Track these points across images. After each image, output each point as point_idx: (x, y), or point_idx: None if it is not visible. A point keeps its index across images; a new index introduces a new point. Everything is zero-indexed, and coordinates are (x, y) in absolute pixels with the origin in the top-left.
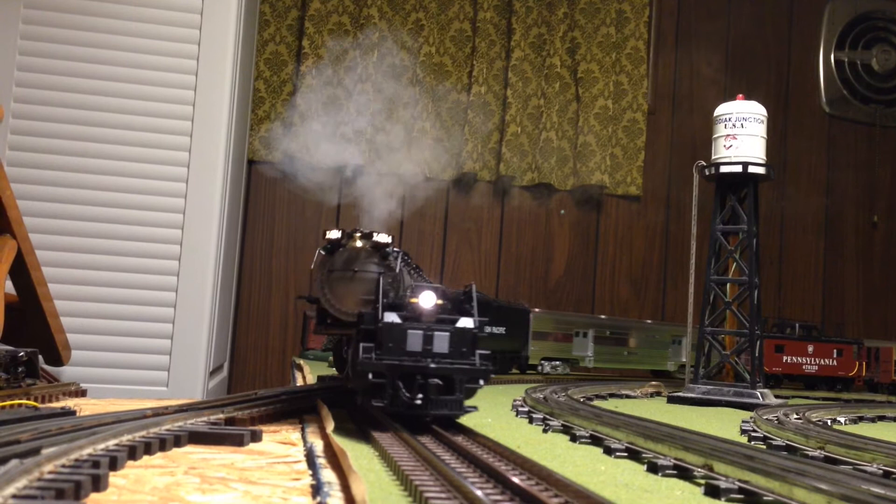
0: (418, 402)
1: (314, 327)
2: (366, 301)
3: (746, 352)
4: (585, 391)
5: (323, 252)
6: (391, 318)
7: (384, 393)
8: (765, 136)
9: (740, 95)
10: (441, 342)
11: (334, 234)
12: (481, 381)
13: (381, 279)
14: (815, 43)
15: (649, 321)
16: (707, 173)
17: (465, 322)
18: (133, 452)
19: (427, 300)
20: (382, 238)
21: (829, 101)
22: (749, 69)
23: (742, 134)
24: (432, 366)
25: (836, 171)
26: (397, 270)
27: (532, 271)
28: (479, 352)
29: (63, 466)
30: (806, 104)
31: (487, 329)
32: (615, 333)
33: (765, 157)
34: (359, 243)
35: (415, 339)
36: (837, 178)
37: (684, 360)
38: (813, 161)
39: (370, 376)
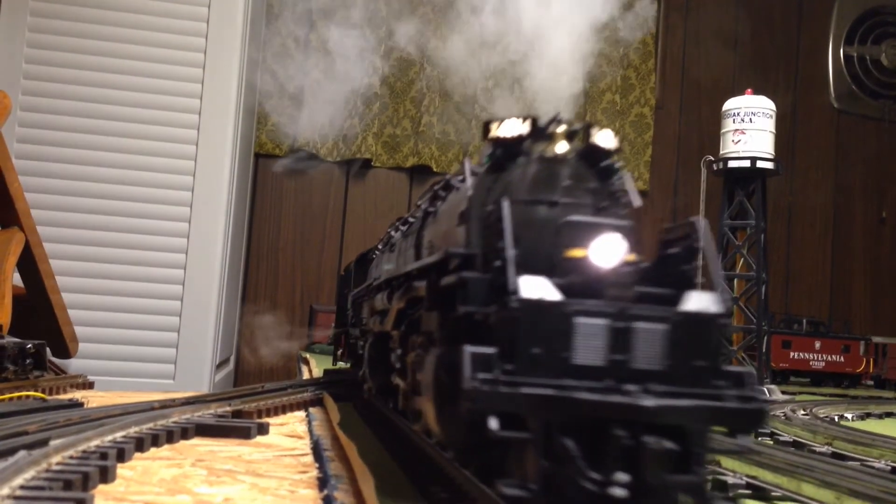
0: (620, 491)
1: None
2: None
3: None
4: None
5: (482, 165)
6: (539, 289)
7: (525, 462)
8: (773, 130)
9: (749, 90)
10: (651, 346)
11: (511, 128)
12: (748, 435)
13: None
14: (825, 38)
15: None
16: (715, 168)
17: (701, 302)
18: (140, 444)
19: (608, 252)
20: (605, 138)
21: (837, 96)
22: (758, 64)
23: (750, 129)
24: (649, 404)
25: (845, 167)
26: (633, 204)
27: None
28: (732, 369)
29: (71, 458)
30: (815, 99)
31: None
32: None
33: (773, 152)
34: (560, 146)
35: (593, 339)
36: (846, 174)
37: None
38: (821, 156)
39: (494, 423)
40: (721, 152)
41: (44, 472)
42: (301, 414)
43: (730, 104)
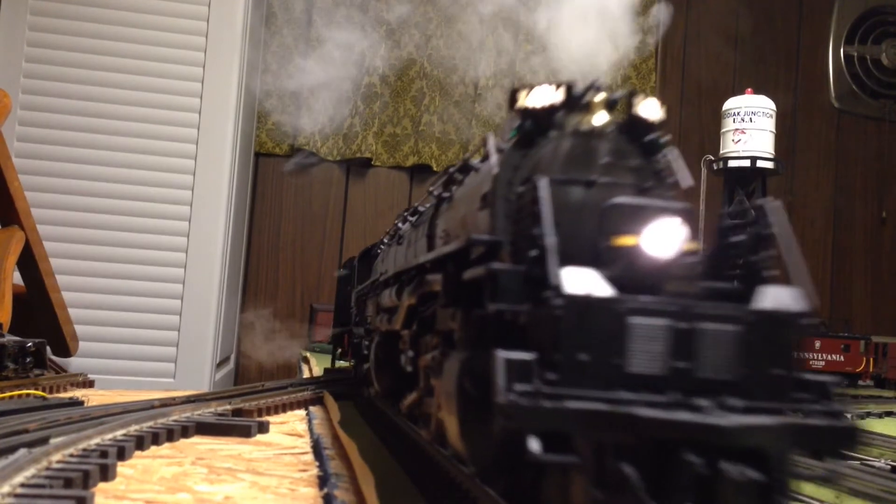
0: None
1: (440, 310)
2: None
3: None
4: None
5: (508, 140)
6: (586, 283)
7: (571, 491)
8: (773, 130)
9: (749, 90)
10: (720, 351)
11: (542, 97)
12: (836, 457)
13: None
14: (825, 37)
15: None
16: (715, 168)
17: (780, 299)
18: (141, 442)
19: (665, 239)
20: (649, 109)
21: (838, 96)
22: (758, 63)
23: (751, 128)
24: (728, 423)
25: (845, 166)
26: (682, 184)
27: None
28: (813, 377)
29: (71, 456)
30: (815, 99)
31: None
32: None
33: (773, 152)
34: (599, 118)
35: (652, 343)
36: (846, 173)
37: None
38: (822, 156)
39: (535, 445)
40: (721, 152)
41: (44, 470)
42: (301, 412)
43: (730, 104)
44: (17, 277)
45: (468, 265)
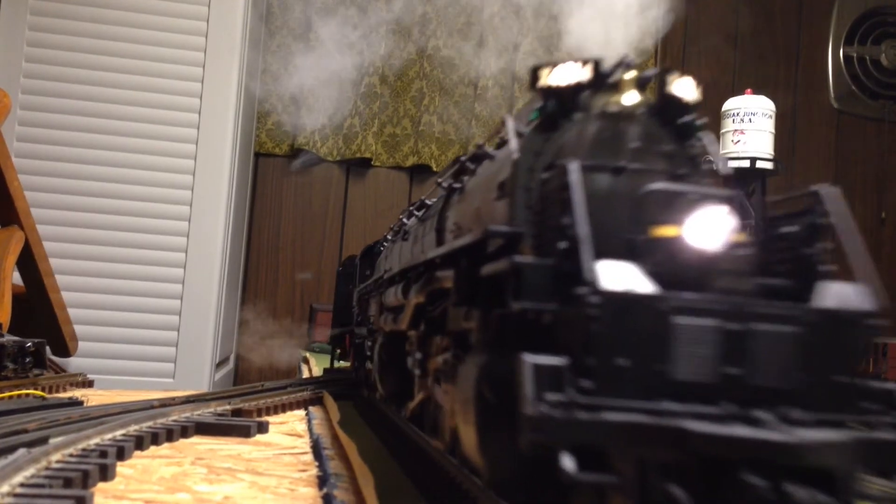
0: None
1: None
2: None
3: None
4: None
5: (529, 123)
6: (625, 278)
7: None
8: (773, 131)
9: (748, 90)
10: (777, 355)
11: (567, 74)
12: None
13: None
14: (824, 38)
15: None
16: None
17: (843, 296)
18: (140, 442)
19: (712, 230)
20: (684, 88)
21: (837, 97)
22: (757, 64)
23: (750, 129)
24: (794, 439)
25: (845, 167)
26: (720, 171)
27: None
28: (877, 385)
29: (70, 456)
30: (814, 99)
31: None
32: None
33: (773, 152)
34: (629, 99)
35: (700, 347)
36: (846, 174)
37: None
38: (821, 156)
39: (569, 463)
40: (721, 152)
41: (44, 470)
42: (301, 412)
43: (729, 104)
44: (16, 277)
45: (484, 260)
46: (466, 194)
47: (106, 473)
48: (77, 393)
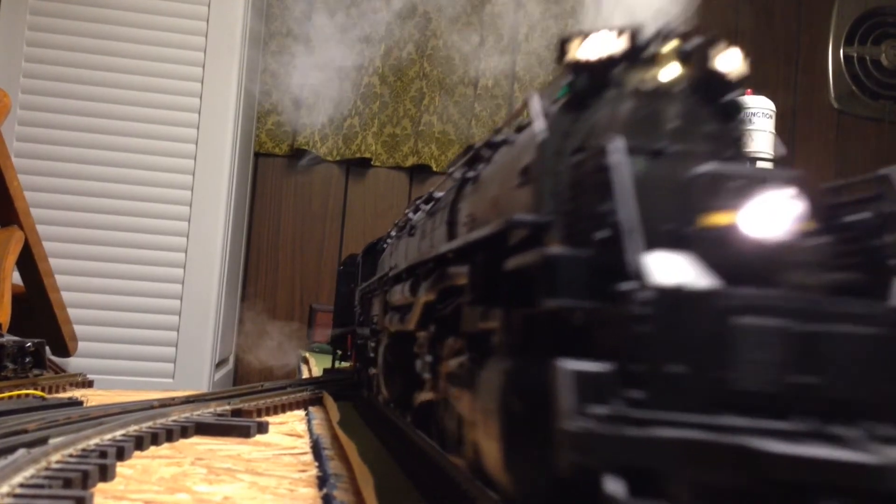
0: None
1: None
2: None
3: None
4: None
5: (555, 102)
6: (679, 272)
7: None
8: (773, 131)
9: (748, 90)
10: (856, 361)
11: (600, 46)
12: None
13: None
14: (824, 38)
15: None
16: None
17: None
18: (140, 443)
19: (775, 217)
20: (729, 61)
21: (837, 97)
22: (757, 64)
23: (750, 129)
24: (883, 462)
25: (845, 167)
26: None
27: None
28: None
29: (70, 456)
30: (814, 99)
31: None
32: None
33: (773, 152)
34: (667, 73)
35: (767, 351)
36: (846, 174)
37: None
38: (821, 157)
39: (617, 487)
40: None
41: (43, 470)
42: (301, 413)
43: None
44: (16, 277)
45: (505, 253)
46: (481, 183)
47: (106, 474)
48: (77, 393)
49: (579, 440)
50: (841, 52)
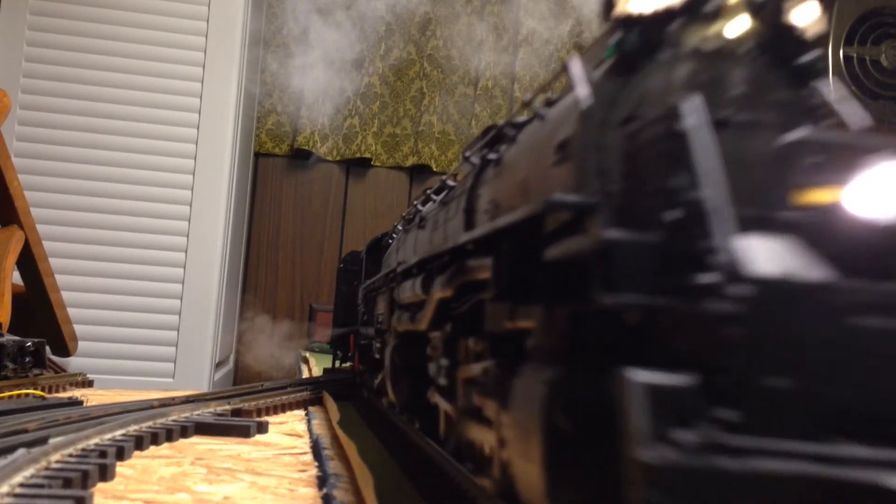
0: None
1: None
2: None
3: None
4: None
5: (601, 64)
6: (782, 260)
7: None
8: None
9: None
10: None
11: None
12: None
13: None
14: (824, 38)
15: None
16: None
17: None
18: (140, 443)
19: (887, 194)
20: (804, 15)
21: (837, 97)
22: None
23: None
24: None
25: None
26: (850, 124)
27: None
28: None
29: (70, 456)
30: None
31: None
32: None
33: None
34: (732, 30)
35: (889, 360)
36: None
37: None
38: None
39: None
40: None
41: (43, 470)
42: (300, 413)
43: None
44: (16, 277)
45: (539, 241)
46: (505, 166)
47: (105, 473)
48: (77, 393)
49: (662, 476)
50: (841, 52)
